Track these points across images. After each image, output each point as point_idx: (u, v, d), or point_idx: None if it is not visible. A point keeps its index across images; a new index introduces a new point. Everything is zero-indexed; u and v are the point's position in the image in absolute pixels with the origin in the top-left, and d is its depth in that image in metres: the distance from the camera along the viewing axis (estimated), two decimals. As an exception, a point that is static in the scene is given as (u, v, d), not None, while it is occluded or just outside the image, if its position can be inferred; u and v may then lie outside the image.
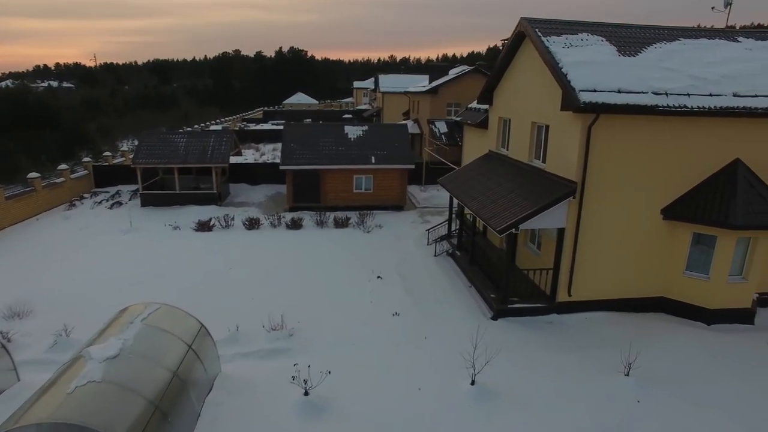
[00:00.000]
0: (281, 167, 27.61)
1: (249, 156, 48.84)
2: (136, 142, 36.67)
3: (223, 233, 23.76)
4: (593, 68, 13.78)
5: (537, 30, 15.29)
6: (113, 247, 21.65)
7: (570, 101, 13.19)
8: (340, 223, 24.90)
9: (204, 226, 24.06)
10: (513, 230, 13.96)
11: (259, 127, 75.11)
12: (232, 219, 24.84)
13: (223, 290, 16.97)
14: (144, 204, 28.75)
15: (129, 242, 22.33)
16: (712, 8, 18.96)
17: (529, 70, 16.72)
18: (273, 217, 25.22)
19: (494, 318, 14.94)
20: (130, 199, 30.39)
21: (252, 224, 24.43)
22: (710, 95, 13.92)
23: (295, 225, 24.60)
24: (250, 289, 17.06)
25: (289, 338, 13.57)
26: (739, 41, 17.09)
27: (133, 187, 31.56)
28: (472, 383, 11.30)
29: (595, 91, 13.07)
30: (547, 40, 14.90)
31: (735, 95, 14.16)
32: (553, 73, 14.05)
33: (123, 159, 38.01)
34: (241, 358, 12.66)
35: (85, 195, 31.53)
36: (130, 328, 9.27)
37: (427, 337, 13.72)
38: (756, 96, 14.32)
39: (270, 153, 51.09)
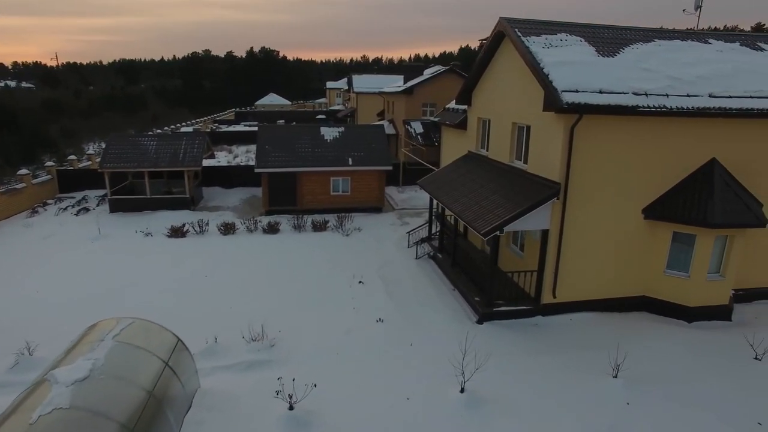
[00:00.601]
0: (256, 170, 26.95)
1: (221, 158, 47.81)
2: (103, 145, 35.29)
3: (197, 239, 22.99)
4: (574, 68, 13.73)
5: (517, 30, 15.18)
6: (81, 256, 20.66)
7: (552, 102, 13.10)
8: (318, 227, 24.43)
9: (177, 232, 23.24)
10: (498, 233, 13.79)
11: (232, 128, 73.77)
12: (207, 224, 24.08)
13: (199, 299, 16.33)
14: (113, 210, 27.65)
15: (98, 250, 21.36)
16: (683, 10, 19.24)
17: (509, 71, 16.62)
18: (249, 222, 24.56)
19: (479, 322, 14.76)
20: (98, 205, 29.19)
21: (227, 229, 23.73)
22: (687, 96, 14.05)
23: (272, 229, 24.00)
24: (228, 297, 16.46)
25: (270, 349, 13.07)
26: (710, 43, 17.40)
27: (101, 192, 30.34)
28: (462, 391, 11.05)
29: (577, 91, 13.01)
30: (527, 40, 14.80)
31: (711, 96, 14.34)
32: (535, 74, 13.95)
33: (89, 163, 36.55)
34: (221, 372, 12.11)
35: (49, 201, 30.14)
36: (101, 346, 8.67)
37: (413, 344, 13.42)
38: (730, 97, 14.54)
39: (243, 155, 50.17)
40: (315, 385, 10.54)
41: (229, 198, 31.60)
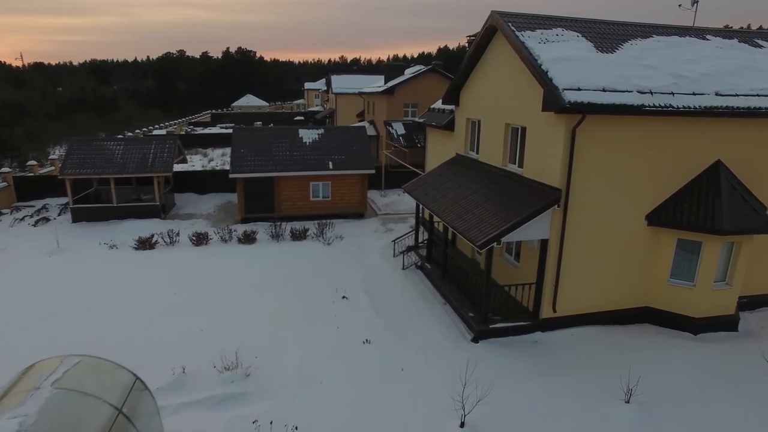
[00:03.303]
0: (231, 175, 25.39)
1: (196, 162, 45.96)
2: (69, 150, 33.08)
3: (167, 251, 21.34)
4: (574, 65, 12.69)
5: (510, 24, 14.09)
6: (32, 274, 18.75)
7: (553, 101, 12.01)
8: (298, 235, 23.00)
9: (145, 244, 21.56)
10: (495, 244, 12.65)
11: (207, 130, 71.69)
12: (178, 234, 22.43)
13: (166, 322, 14.74)
14: (76, 219, 25.72)
15: (54, 266, 19.51)
16: (679, 6, 18.47)
17: (502, 68, 15.52)
18: (223, 231, 22.99)
19: (475, 340, 13.59)
20: (59, 214, 27.20)
21: (200, 240, 22.14)
22: (693, 94, 13.15)
23: (248, 239, 22.49)
24: (199, 318, 14.94)
25: (245, 379, 11.66)
26: (708, 39, 16.62)
27: (64, 200, 28.33)
28: (462, 425, 9.85)
29: (579, 89, 11.96)
30: (522, 35, 13.72)
31: (717, 94, 13.47)
32: (532, 71, 12.86)
33: (52, 168, 34.40)
34: (189, 409, 10.66)
35: (4, 210, 27.90)
36: (36, 396, 7.20)
37: (405, 369, 12.14)
38: (737, 95, 13.72)
39: (219, 158, 48.36)
40: (296, 429, 9.20)
41: (203, 205, 29.93)
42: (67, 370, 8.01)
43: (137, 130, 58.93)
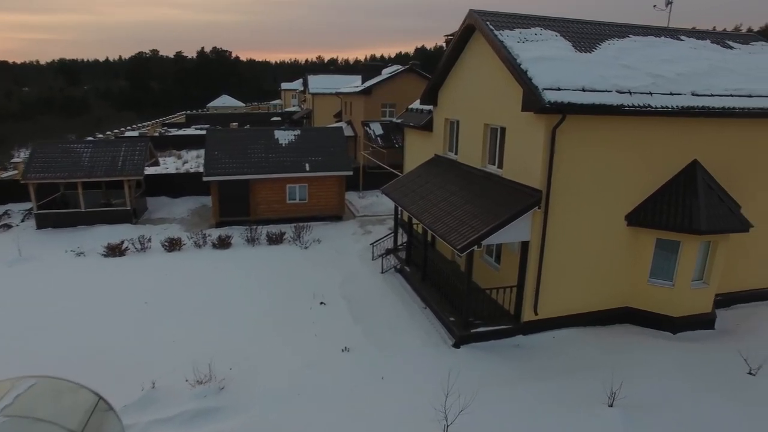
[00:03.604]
0: (204, 178, 24.68)
1: (170, 164, 44.86)
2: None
3: (138, 258, 20.56)
4: (553, 65, 12.52)
5: (489, 23, 13.86)
6: (-7, 285, 17.78)
7: (533, 101, 11.81)
8: (274, 239, 22.45)
9: (115, 251, 20.74)
10: (475, 247, 12.39)
11: (182, 132, 70.18)
12: (149, 240, 21.66)
13: (135, 334, 14.08)
14: (40, 226, 24.65)
15: (15, 276, 18.54)
16: (654, 6, 18.55)
17: (480, 68, 15.30)
18: (197, 236, 22.30)
19: (456, 345, 13.32)
20: (22, 221, 26.05)
21: (173, 245, 21.42)
22: (671, 94, 13.13)
23: (223, 243, 21.86)
24: (171, 329, 14.32)
25: (219, 393, 11.15)
26: (682, 40, 16.72)
27: (28, 205, 27.16)
28: (444, 436, 9.55)
29: (559, 89, 11.78)
30: (501, 34, 13.50)
31: (693, 94, 13.49)
32: (512, 70, 12.64)
33: (15, 172, 33.04)
34: (158, 427, 10.10)
35: (-35, 217, 26.72)
36: (-16, 425, 6.64)
37: (385, 378, 11.79)
38: (712, 95, 13.76)
39: (194, 160, 47.29)
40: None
41: (177, 208, 29.09)
42: (20, 395, 7.42)
43: (108, 132, 57.41)
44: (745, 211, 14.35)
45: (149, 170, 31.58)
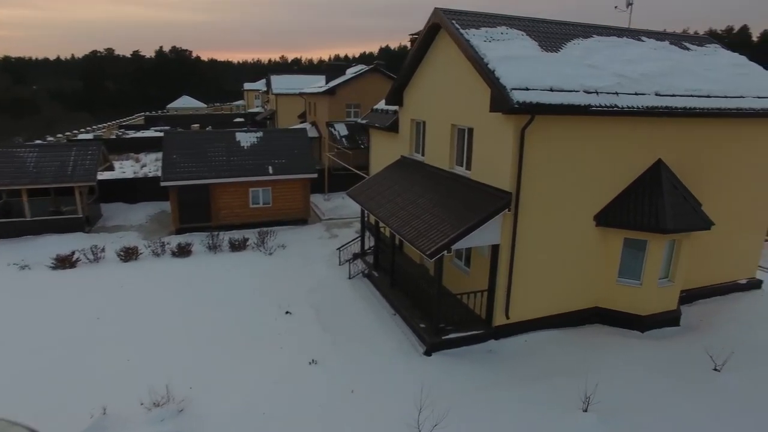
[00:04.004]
0: (162, 183, 23.58)
1: (127, 168, 43.05)
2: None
3: (90, 269, 19.35)
4: (521, 64, 12.30)
5: (455, 22, 13.55)
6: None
7: (501, 101, 11.55)
8: (237, 246, 21.61)
9: (64, 262, 19.47)
10: (445, 252, 12.05)
11: (140, 134, 67.71)
12: (103, 250, 20.45)
13: (85, 355, 13.02)
14: (-20, 237, 23.02)
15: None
16: (615, 7, 18.73)
17: (446, 67, 14.99)
18: (155, 244, 21.23)
19: (428, 353, 12.94)
20: (-38, 232, 24.26)
21: (129, 254, 20.29)
22: (636, 94, 13.14)
23: (183, 251, 20.88)
24: (125, 347, 13.39)
25: (178, 416, 10.41)
26: (643, 41, 16.88)
27: (-32, 215, 25.31)
28: (418, 453, 9.15)
29: (527, 89, 11.55)
30: (467, 33, 13.21)
31: (657, 94, 13.55)
32: (479, 70, 12.36)
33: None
34: (109, 457, 9.35)
35: None
36: None
37: (355, 391, 11.30)
38: (674, 95, 13.87)
39: (153, 164, 45.56)
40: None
41: (134, 215, 27.78)
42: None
43: (60, 134, 54.72)
44: (704, 209, 14.56)
45: (104, 175, 30.11)
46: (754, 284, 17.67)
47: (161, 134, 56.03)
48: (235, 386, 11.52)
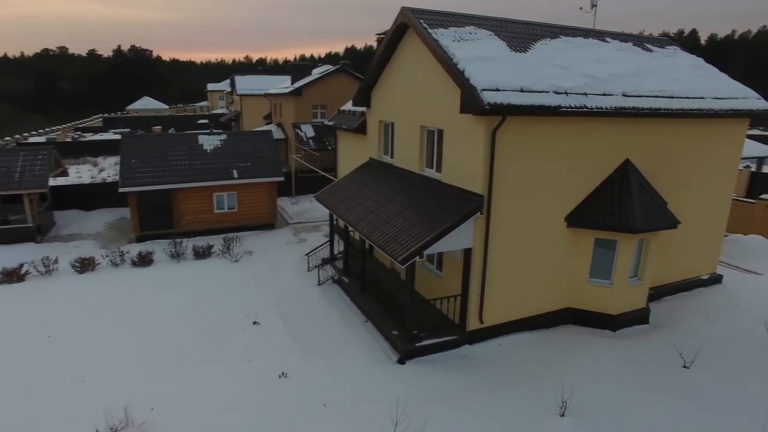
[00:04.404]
0: (120, 189, 22.50)
1: (84, 173, 41.25)
2: None
3: (41, 283, 18.19)
4: (490, 64, 12.10)
5: (422, 21, 13.27)
6: None
7: (472, 102, 11.31)
8: (202, 253, 20.79)
9: (11, 276, 18.22)
10: (417, 258, 11.74)
11: (98, 137, 65.04)
12: (56, 261, 19.29)
13: (34, 378, 12.06)
14: None
15: None
16: (580, 8, 18.85)
17: (415, 67, 14.70)
18: (114, 253, 20.19)
19: (401, 361, 12.59)
20: None
21: (84, 265, 19.20)
22: (604, 95, 13.12)
23: (144, 261, 19.92)
24: (80, 366, 12.52)
25: (136, 440, 9.76)
26: (608, 42, 17.00)
27: None
28: (394, 469, 8.80)
29: (498, 90, 11.35)
30: (435, 33, 12.94)
31: (624, 95, 13.59)
32: (448, 70, 12.10)
33: None
34: (61, 490, 8.63)
35: None
36: None
37: (327, 404, 10.84)
38: (640, 96, 13.96)
39: (112, 168, 43.79)
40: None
41: (91, 223, 26.45)
42: None
43: (8, 138, 52.00)
44: (669, 207, 14.74)
45: (57, 181, 28.61)
46: (716, 279, 18.08)
47: (120, 137, 54.28)
48: (200, 405, 10.90)
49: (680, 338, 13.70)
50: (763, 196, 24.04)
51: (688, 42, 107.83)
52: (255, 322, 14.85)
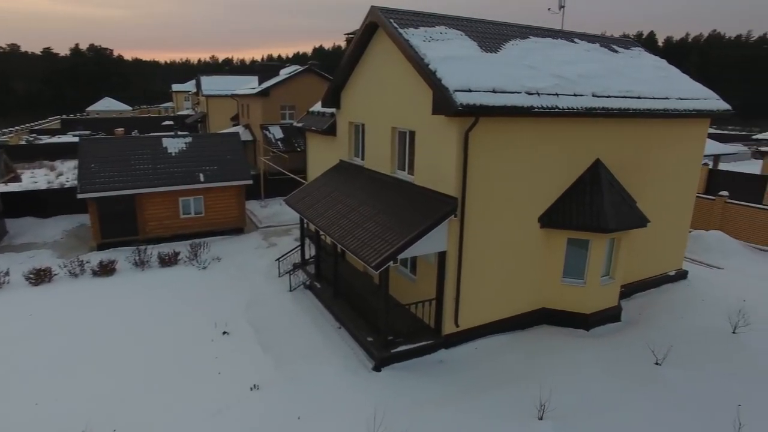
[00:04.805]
0: (79, 195, 21.45)
1: (40, 178, 39.48)
2: None
3: (-8, 296, 17.17)
4: (462, 65, 11.94)
5: (392, 21, 13.01)
6: None
7: (444, 104, 11.11)
8: (168, 261, 20.02)
9: (-40, 289, 17.16)
10: (391, 263, 11.48)
11: (56, 139, 62.54)
12: (7, 273, 18.19)
13: (-17, 399, 11.33)
14: None
15: None
16: (548, 9, 18.97)
17: (385, 68, 14.44)
18: (72, 263, 19.22)
19: (377, 369, 12.31)
20: None
21: (40, 277, 18.19)
22: (575, 95, 13.15)
23: (106, 270, 19.02)
24: (33, 388, 11.74)
25: (97, 465, 9.17)
26: (576, 42, 17.14)
27: None
28: (372, 484, 8.51)
29: (470, 90, 11.18)
30: (406, 33, 12.71)
31: (594, 95, 13.67)
32: (420, 71, 11.88)
33: None
34: None
35: None
36: None
37: (302, 417, 10.45)
38: (609, 96, 14.06)
39: (71, 172, 42.06)
40: None
41: (48, 230, 25.18)
42: None
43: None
44: (638, 206, 14.93)
45: (9, 187, 27.18)
46: (681, 275, 18.48)
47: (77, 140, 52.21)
48: (168, 423, 10.34)
49: (651, 335, 13.87)
50: (722, 192, 24.82)
51: (647, 44, 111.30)
52: (225, 332, 14.31)
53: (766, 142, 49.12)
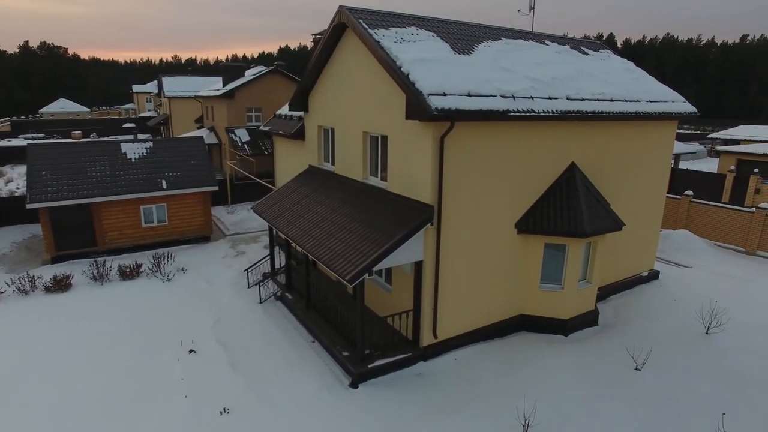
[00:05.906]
0: (29, 205, 20.09)
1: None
2: None
3: (-68, 317, 15.80)
4: (435, 67, 11.51)
5: (362, 21, 12.49)
6: None
7: (418, 108, 10.66)
8: (129, 273, 18.91)
9: None
10: (366, 275, 10.96)
11: (5, 142, 59.27)
12: (-50, 291, 16.86)
13: None
14: None
15: None
16: (518, 10, 18.83)
17: (355, 70, 13.90)
18: (22, 278, 17.93)
19: (354, 385, 11.76)
20: None
21: (-14, 294, 16.91)
22: (549, 98, 12.92)
23: (60, 285, 17.80)
24: (-23, 418, 10.79)
25: None
26: (547, 44, 17.00)
27: None
28: None
29: (445, 94, 10.76)
30: (376, 34, 12.20)
31: (568, 98, 13.49)
32: (392, 74, 11.39)
33: None
34: None
35: None
36: None
37: (275, 443, 9.87)
38: (583, 99, 13.93)
39: (21, 179, 39.73)
40: None
41: (-4, 242, 23.59)
42: None
43: None
44: (612, 208, 14.88)
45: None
46: (653, 275, 18.64)
47: (32, 143, 49.56)
48: (126, 456, 9.56)
49: (629, 339, 13.86)
50: (687, 192, 25.29)
51: (607, 45, 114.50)
52: (191, 351, 13.48)
53: (722, 141, 50.88)
